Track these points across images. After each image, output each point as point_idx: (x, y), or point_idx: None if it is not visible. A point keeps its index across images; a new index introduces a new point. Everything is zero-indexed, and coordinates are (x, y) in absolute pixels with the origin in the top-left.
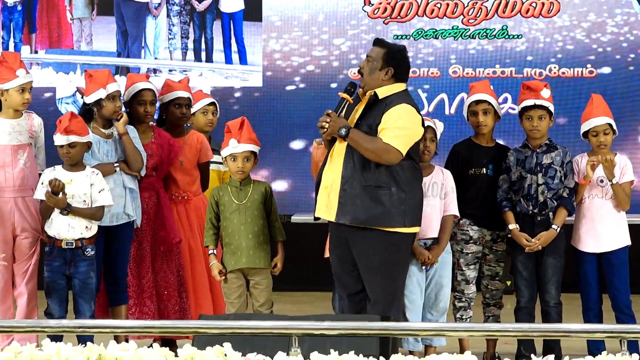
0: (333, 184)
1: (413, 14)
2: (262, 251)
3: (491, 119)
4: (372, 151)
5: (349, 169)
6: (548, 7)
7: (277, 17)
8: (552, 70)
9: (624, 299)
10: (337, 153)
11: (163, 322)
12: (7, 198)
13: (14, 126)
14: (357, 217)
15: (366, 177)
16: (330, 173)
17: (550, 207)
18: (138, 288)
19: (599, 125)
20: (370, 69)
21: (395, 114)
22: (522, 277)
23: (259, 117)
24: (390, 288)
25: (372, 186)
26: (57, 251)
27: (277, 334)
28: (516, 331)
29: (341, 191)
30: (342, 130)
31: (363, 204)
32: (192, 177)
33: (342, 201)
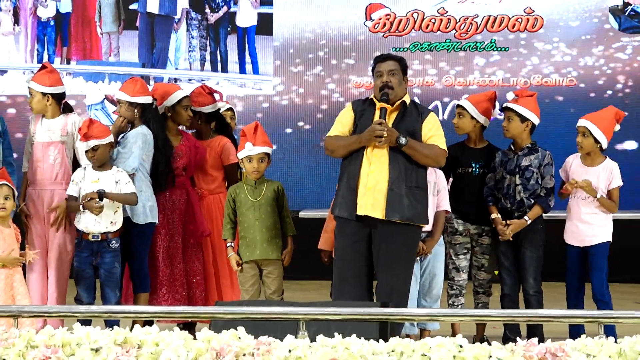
0: (377, 184)
1: (410, 28)
2: (274, 244)
3: (466, 122)
4: (431, 157)
5: (395, 171)
6: (532, 22)
7: (287, 31)
8: (536, 79)
9: (600, 289)
10: (377, 157)
11: (183, 308)
12: (38, 191)
13: (50, 125)
14: (404, 215)
15: (408, 179)
16: (375, 174)
17: (527, 205)
18: (170, 277)
19: (579, 125)
20: (399, 81)
21: (435, 122)
22: (504, 267)
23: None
24: (408, 279)
25: (413, 187)
26: (85, 243)
27: (286, 319)
28: (502, 316)
29: (389, 191)
30: (402, 139)
31: (409, 203)
32: (211, 177)
33: (390, 200)
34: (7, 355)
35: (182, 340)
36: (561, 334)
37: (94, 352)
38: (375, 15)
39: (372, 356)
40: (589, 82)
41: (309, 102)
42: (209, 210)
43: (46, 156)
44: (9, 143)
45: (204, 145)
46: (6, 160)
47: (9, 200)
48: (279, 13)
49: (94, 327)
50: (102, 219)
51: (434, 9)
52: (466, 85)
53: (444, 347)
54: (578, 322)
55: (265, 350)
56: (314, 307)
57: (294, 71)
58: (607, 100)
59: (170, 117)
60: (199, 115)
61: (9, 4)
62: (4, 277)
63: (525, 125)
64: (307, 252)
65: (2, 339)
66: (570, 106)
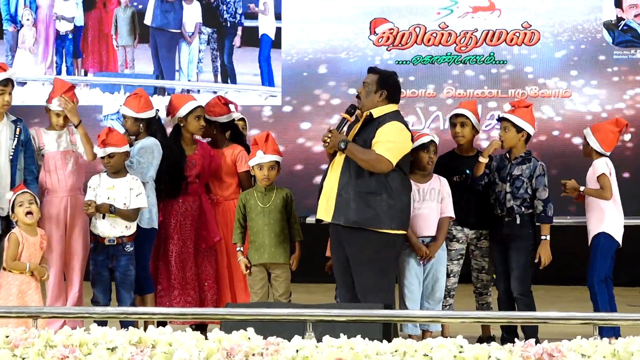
0: (331, 190)
1: (412, 42)
2: (282, 248)
3: (468, 131)
4: (367, 161)
5: (345, 177)
6: (530, 36)
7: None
8: (533, 90)
9: (590, 279)
10: (337, 164)
11: (195, 310)
12: (59, 198)
13: (60, 135)
14: (349, 219)
15: (359, 184)
16: (329, 181)
17: (517, 212)
18: (182, 280)
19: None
20: (367, 93)
21: (387, 130)
22: (497, 271)
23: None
24: (380, 283)
25: (364, 192)
26: (100, 247)
27: (294, 320)
28: (499, 318)
29: (337, 196)
30: (342, 144)
31: (356, 207)
32: (226, 184)
33: (337, 205)
34: (26, 354)
35: (194, 341)
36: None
37: (110, 351)
38: (379, 29)
39: (376, 356)
40: (583, 94)
41: (314, 112)
42: (224, 215)
43: (64, 165)
44: (32, 152)
45: (219, 153)
46: (29, 168)
47: (34, 204)
48: (287, 27)
49: (109, 328)
50: (117, 224)
51: (436, 23)
52: (466, 97)
53: (445, 347)
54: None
55: (274, 350)
56: (320, 309)
57: (301, 82)
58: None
59: (183, 127)
60: (215, 125)
61: (31, 18)
62: (18, 283)
63: (521, 135)
64: (314, 257)
65: (22, 338)
66: (565, 117)
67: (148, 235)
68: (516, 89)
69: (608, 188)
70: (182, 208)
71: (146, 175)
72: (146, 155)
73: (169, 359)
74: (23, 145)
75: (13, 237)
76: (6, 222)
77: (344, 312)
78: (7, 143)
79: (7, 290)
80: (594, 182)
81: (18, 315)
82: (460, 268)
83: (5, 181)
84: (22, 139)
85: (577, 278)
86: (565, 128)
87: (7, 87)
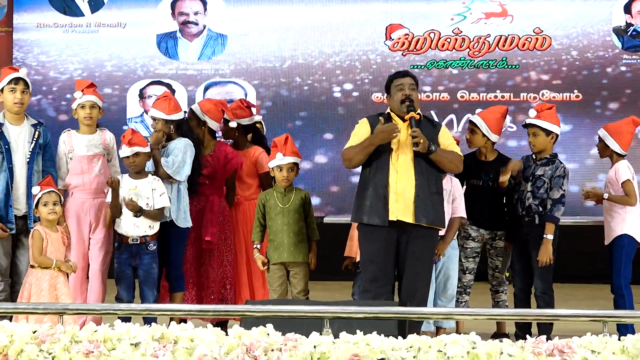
0: (405, 191)
1: (427, 47)
2: (301, 247)
3: (477, 138)
4: (454, 162)
5: (420, 178)
6: (541, 42)
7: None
8: (545, 95)
9: (617, 282)
10: (402, 165)
11: (216, 307)
12: (83, 200)
13: (89, 140)
14: (430, 219)
15: (430, 185)
16: (402, 182)
17: (535, 211)
18: (197, 278)
19: (599, 135)
20: (416, 96)
21: (448, 132)
22: (516, 270)
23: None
24: (429, 278)
25: (434, 193)
26: (124, 246)
27: (311, 317)
28: (511, 315)
29: (416, 197)
30: (433, 147)
31: (432, 208)
32: (247, 184)
33: (417, 206)
34: (53, 349)
35: (215, 337)
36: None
37: (134, 347)
38: (394, 35)
39: (392, 352)
40: (594, 97)
41: (333, 115)
42: (244, 214)
43: (91, 168)
44: (51, 155)
45: (241, 154)
46: (47, 171)
47: (57, 205)
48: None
49: (133, 324)
50: (141, 223)
51: (449, 29)
52: (479, 100)
53: (459, 343)
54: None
55: (292, 346)
56: (337, 305)
57: (322, 85)
58: (610, 114)
59: (204, 127)
60: (237, 127)
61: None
62: (48, 277)
63: (550, 138)
64: (331, 255)
65: (49, 334)
66: (577, 120)
67: (184, 234)
68: (529, 93)
69: (633, 194)
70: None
71: (183, 174)
72: (181, 154)
73: (191, 354)
74: (41, 149)
75: (37, 233)
76: (23, 221)
77: (361, 309)
78: (24, 146)
79: (38, 286)
80: (615, 184)
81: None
82: (475, 266)
83: (22, 183)
84: (41, 142)
85: (587, 276)
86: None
87: (18, 85)
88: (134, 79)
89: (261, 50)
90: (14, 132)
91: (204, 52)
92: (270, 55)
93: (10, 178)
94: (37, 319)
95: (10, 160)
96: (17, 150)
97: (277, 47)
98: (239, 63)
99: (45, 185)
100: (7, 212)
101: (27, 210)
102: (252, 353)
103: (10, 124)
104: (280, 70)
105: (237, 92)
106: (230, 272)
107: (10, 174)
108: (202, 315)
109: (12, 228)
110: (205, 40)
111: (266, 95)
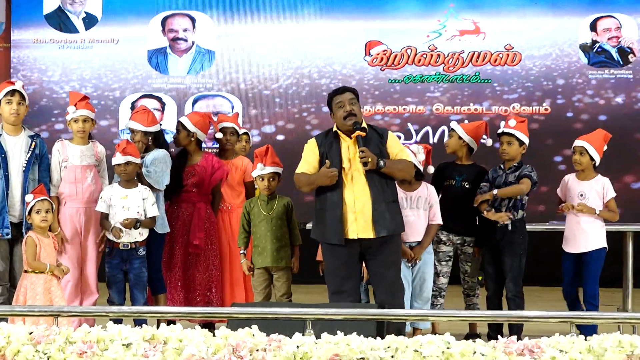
0: (363, 207)
1: (404, 62)
2: (284, 253)
3: (452, 141)
4: (406, 171)
5: (374, 191)
6: (512, 57)
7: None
8: (515, 108)
9: (592, 292)
10: (355, 181)
11: (203, 309)
12: (76, 208)
13: (83, 151)
14: (390, 229)
15: (386, 195)
16: (359, 200)
17: (510, 218)
18: (167, 280)
19: (576, 145)
20: (358, 109)
21: (395, 139)
22: (488, 274)
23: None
24: (400, 281)
25: (390, 201)
26: (115, 251)
27: (294, 318)
28: (484, 317)
29: (373, 211)
30: (382, 162)
31: (390, 217)
32: (236, 192)
33: (375, 219)
34: (48, 349)
35: (203, 337)
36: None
37: (125, 347)
38: (373, 50)
39: (371, 351)
40: (561, 111)
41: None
42: (237, 221)
43: (84, 178)
44: (47, 165)
45: (229, 164)
46: (42, 180)
47: (49, 213)
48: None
49: (124, 325)
50: (131, 231)
51: (425, 45)
52: (454, 113)
53: (434, 343)
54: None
55: (276, 346)
56: (319, 308)
57: (303, 97)
58: (578, 127)
59: (193, 139)
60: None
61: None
62: (42, 281)
63: (522, 148)
64: (313, 260)
65: (44, 335)
66: (544, 132)
67: (162, 239)
68: (500, 106)
69: (617, 210)
70: (175, 213)
71: (162, 183)
72: (160, 164)
73: (180, 354)
74: (37, 159)
75: (30, 240)
76: (18, 228)
77: (341, 311)
78: (21, 155)
79: (33, 290)
80: (596, 197)
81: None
82: (449, 269)
83: (17, 191)
84: (37, 153)
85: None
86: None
87: (14, 96)
88: (126, 92)
89: (246, 65)
90: (10, 142)
91: (193, 67)
92: (255, 70)
93: (5, 185)
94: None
95: (6, 168)
96: (13, 159)
97: (262, 62)
98: (225, 77)
99: (38, 193)
100: (3, 218)
101: (22, 217)
102: (238, 353)
103: (7, 135)
104: (265, 83)
105: (224, 104)
106: (215, 276)
107: (5, 182)
108: (190, 317)
109: (8, 233)
110: (193, 55)
111: (251, 106)
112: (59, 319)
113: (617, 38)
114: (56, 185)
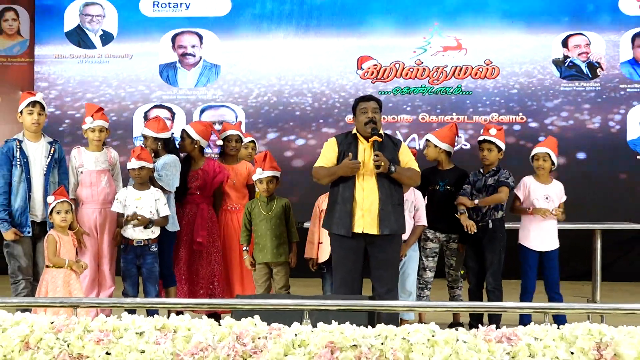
0: (371, 206)
1: (393, 76)
2: (282, 249)
3: (430, 150)
4: (412, 178)
5: (383, 193)
6: (491, 71)
7: (296, 77)
8: (494, 117)
9: (556, 286)
10: (367, 182)
11: (210, 300)
12: (92, 209)
13: (97, 157)
14: (393, 228)
15: (393, 198)
16: (368, 198)
17: (489, 217)
18: (189, 276)
19: (540, 152)
20: (379, 118)
21: (407, 150)
22: (470, 268)
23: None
24: (397, 277)
25: (396, 204)
26: (130, 248)
27: (293, 309)
28: (466, 308)
29: (380, 210)
30: (393, 168)
31: (394, 218)
32: (242, 194)
33: (381, 218)
34: (68, 337)
35: (209, 326)
36: (516, 321)
37: (138, 335)
38: (365, 65)
39: (362, 339)
40: (536, 120)
41: (311, 135)
42: (233, 222)
43: (99, 181)
44: (65, 169)
45: (232, 168)
46: (62, 182)
47: (69, 213)
48: (289, 62)
49: (138, 316)
50: (144, 229)
51: (412, 60)
52: (438, 122)
53: (420, 332)
54: (529, 312)
55: (276, 335)
56: (315, 299)
57: (300, 108)
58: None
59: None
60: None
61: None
62: (62, 275)
63: (500, 154)
64: None
65: (64, 324)
66: (521, 139)
67: (173, 236)
68: (480, 115)
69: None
70: (181, 214)
71: (172, 185)
72: (170, 168)
73: (188, 341)
74: (57, 163)
75: (51, 237)
76: (41, 227)
77: (336, 302)
78: (41, 160)
79: (54, 283)
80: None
81: (61, 305)
82: (435, 264)
83: (39, 193)
84: (56, 157)
85: None
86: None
87: (35, 107)
88: (139, 103)
89: (250, 78)
90: (32, 148)
91: (200, 80)
92: (257, 82)
93: (28, 188)
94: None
95: (28, 172)
96: (34, 164)
97: (264, 75)
98: (230, 89)
99: (59, 195)
100: (25, 218)
101: (44, 216)
102: (242, 341)
103: (28, 141)
104: (266, 94)
105: (229, 114)
106: (217, 271)
107: (28, 185)
108: (197, 308)
109: (29, 232)
110: (201, 69)
111: (253, 116)
112: (78, 309)
113: (587, 54)
114: (73, 189)
